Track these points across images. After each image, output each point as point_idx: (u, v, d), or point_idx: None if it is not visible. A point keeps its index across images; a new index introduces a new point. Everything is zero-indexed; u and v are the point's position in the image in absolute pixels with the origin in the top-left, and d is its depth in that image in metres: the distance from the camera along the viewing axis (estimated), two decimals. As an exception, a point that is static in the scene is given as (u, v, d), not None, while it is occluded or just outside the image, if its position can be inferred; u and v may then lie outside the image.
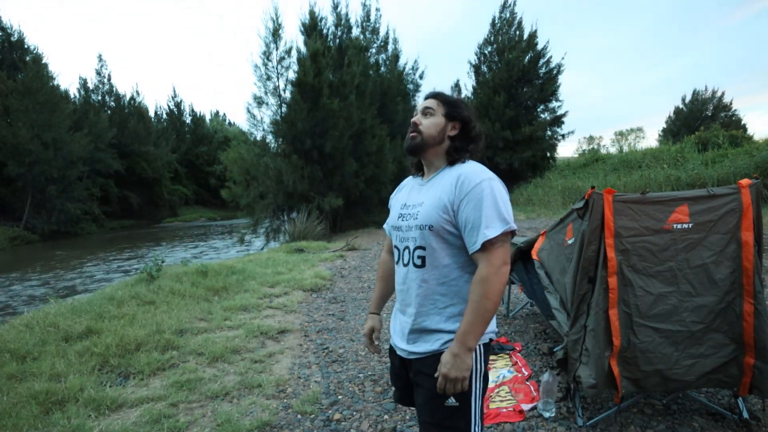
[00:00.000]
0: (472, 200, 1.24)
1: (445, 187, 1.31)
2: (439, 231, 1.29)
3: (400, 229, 1.41)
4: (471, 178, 1.27)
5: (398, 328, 1.45)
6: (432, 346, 1.31)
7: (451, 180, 1.31)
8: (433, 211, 1.29)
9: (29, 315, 4.12)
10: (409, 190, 1.49)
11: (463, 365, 1.20)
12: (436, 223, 1.28)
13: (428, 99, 1.44)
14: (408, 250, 1.37)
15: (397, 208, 1.47)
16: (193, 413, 2.56)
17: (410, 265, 1.36)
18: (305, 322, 4.37)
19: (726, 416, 2.26)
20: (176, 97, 46.96)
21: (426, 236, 1.30)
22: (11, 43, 25.43)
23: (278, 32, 13.78)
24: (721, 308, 2.10)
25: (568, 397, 2.43)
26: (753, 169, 10.89)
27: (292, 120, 13.39)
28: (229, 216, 29.72)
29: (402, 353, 1.40)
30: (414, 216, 1.35)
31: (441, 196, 1.30)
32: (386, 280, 1.65)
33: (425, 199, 1.35)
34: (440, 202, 1.29)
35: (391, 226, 1.49)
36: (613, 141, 62.76)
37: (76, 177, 23.98)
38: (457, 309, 1.31)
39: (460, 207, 1.26)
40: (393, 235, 1.47)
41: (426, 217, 1.30)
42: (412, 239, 1.35)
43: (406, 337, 1.37)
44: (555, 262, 2.93)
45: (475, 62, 24.20)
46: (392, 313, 1.53)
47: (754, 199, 2.07)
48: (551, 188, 16.69)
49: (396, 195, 1.57)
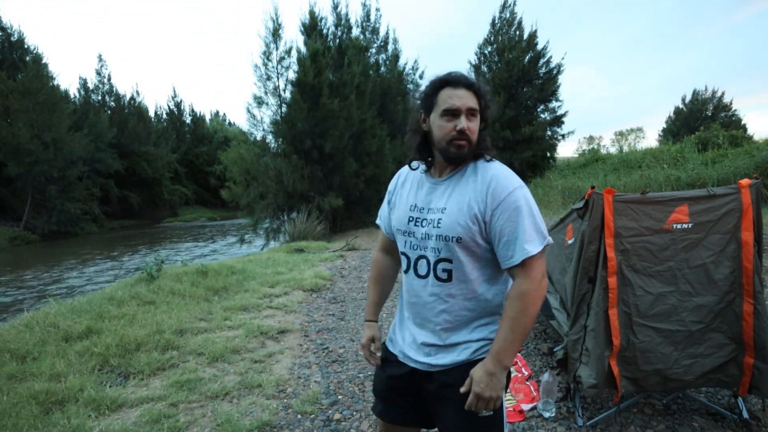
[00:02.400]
0: (507, 210, 1.14)
1: (473, 194, 1.18)
2: (468, 244, 1.17)
3: (411, 235, 1.26)
4: (504, 185, 1.16)
5: (409, 339, 1.31)
6: (459, 357, 1.23)
7: (479, 185, 1.18)
8: (462, 221, 1.17)
9: (29, 315, 4.11)
10: (416, 187, 1.31)
11: (498, 384, 1.13)
12: (466, 236, 1.17)
13: (467, 92, 1.18)
14: (426, 261, 1.23)
15: (405, 209, 1.30)
16: (193, 413, 2.56)
17: (430, 277, 1.23)
18: (305, 322, 4.37)
19: (726, 416, 2.26)
20: (176, 97, 46.97)
21: (452, 249, 1.18)
22: (11, 43, 25.40)
23: (278, 32, 13.78)
24: (721, 308, 2.10)
25: (568, 397, 2.43)
26: (753, 169, 10.89)
27: (292, 120, 13.40)
28: (229, 216, 29.70)
29: (419, 366, 1.28)
30: (433, 223, 1.21)
31: (470, 204, 1.17)
32: (382, 283, 1.49)
33: (447, 204, 1.20)
34: (470, 210, 1.17)
35: (396, 228, 1.32)
36: (613, 141, 62.85)
37: (76, 177, 23.96)
38: (483, 321, 1.24)
39: (493, 217, 1.15)
40: (401, 240, 1.30)
41: (452, 228, 1.17)
42: (432, 249, 1.21)
43: (423, 349, 1.27)
44: (555, 262, 2.93)
45: (475, 62, 24.18)
46: (397, 321, 1.41)
47: (754, 199, 2.07)
48: (551, 188, 16.67)
49: (398, 190, 1.37)
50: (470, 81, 1.20)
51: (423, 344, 1.27)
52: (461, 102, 1.17)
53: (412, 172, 1.36)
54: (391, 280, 1.52)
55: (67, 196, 22.82)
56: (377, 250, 1.53)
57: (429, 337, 1.26)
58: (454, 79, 1.19)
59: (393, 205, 1.38)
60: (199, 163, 40.01)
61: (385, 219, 1.43)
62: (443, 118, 1.19)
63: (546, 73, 22.54)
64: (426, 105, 1.23)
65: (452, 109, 1.17)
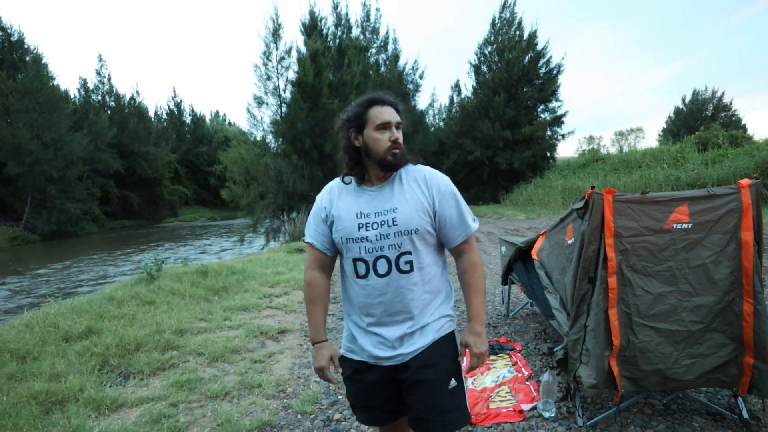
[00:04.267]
0: (450, 198, 1.38)
1: (419, 191, 1.37)
2: (423, 234, 1.36)
3: (365, 240, 1.34)
4: (441, 179, 1.40)
5: (376, 341, 1.39)
6: (428, 338, 1.39)
7: (422, 183, 1.38)
8: (415, 215, 1.34)
9: (29, 315, 4.12)
10: (354, 197, 1.40)
11: (485, 339, 1.39)
12: (421, 227, 1.35)
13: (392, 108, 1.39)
14: (385, 259, 1.34)
15: (351, 218, 1.37)
16: (193, 413, 2.56)
17: (393, 273, 1.35)
18: (305, 322, 4.37)
19: (726, 416, 2.26)
20: (176, 97, 47.14)
21: (412, 240, 1.35)
22: (11, 43, 25.45)
23: (278, 32, 13.80)
24: (721, 308, 2.10)
25: (568, 397, 2.43)
26: (753, 169, 10.89)
27: (292, 120, 13.41)
28: (229, 216, 29.71)
29: (394, 361, 1.37)
30: (388, 223, 1.34)
31: (419, 199, 1.36)
32: (322, 302, 1.51)
33: (398, 204, 1.35)
34: (420, 205, 1.35)
35: (345, 238, 1.37)
36: (613, 141, 62.76)
37: (76, 177, 23.99)
38: (438, 301, 1.42)
39: (440, 206, 1.37)
40: (353, 248, 1.36)
41: (408, 222, 1.34)
42: (392, 246, 1.34)
43: (395, 343, 1.37)
44: (555, 262, 2.93)
45: (475, 62, 24.21)
46: (353, 331, 1.47)
47: (754, 199, 2.07)
48: (551, 188, 16.69)
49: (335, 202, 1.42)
50: (392, 100, 1.41)
51: (395, 339, 1.38)
52: (391, 116, 1.37)
53: (344, 186, 1.45)
54: (327, 298, 1.53)
55: (67, 196, 22.84)
56: (310, 270, 1.49)
57: (398, 330, 1.37)
58: (380, 99, 1.39)
59: (334, 218, 1.41)
60: (199, 163, 40.05)
61: (321, 235, 1.44)
62: (377, 132, 1.36)
63: (546, 73, 22.55)
64: (358, 124, 1.38)
65: (385, 122, 1.36)
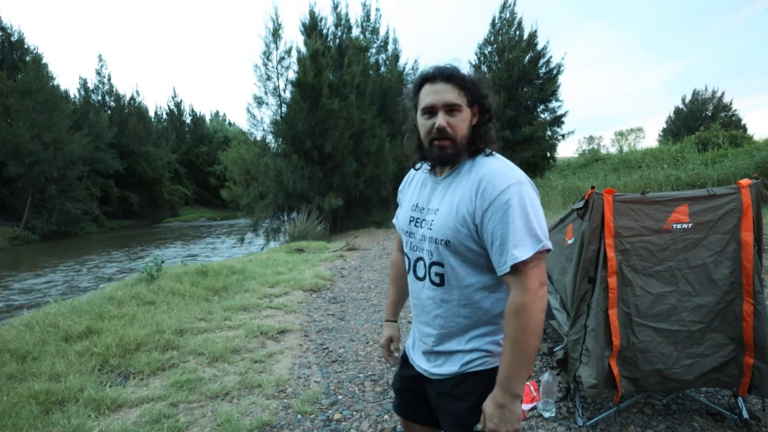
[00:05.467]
0: (498, 211, 1.02)
1: (463, 193, 1.08)
2: (458, 248, 1.09)
3: (412, 236, 1.21)
4: (495, 183, 1.04)
5: (417, 342, 1.30)
6: (452, 368, 1.17)
7: (471, 184, 1.08)
8: (450, 224, 1.08)
9: (29, 315, 4.12)
10: (420, 185, 1.26)
11: (512, 416, 1.02)
12: (454, 239, 1.08)
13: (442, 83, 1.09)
14: (422, 263, 1.18)
15: (408, 209, 1.25)
16: (193, 413, 2.56)
17: (426, 281, 1.18)
18: (305, 322, 4.37)
19: (726, 416, 2.26)
20: (176, 97, 46.98)
21: (443, 252, 1.11)
22: (11, 43, 25.41)
23: (278, 32, 13.78)
24: (721, 308, 2.10)
25: (568, 397, 2.43)
26: (753, 169, 10.89)
27: (292, 120, 13.39)
28: (229, 216, 29.68)
29: (421, 371, 1.26)
30: (428, 224, 1.15)
31: (459, 205, 1.08)
32: (400, 282, 1.44)
33: (441, 205, 1.13)
34: (458, 212, 1.08)
35: (400, 228, 1.28)
36: (613, 141, 62.92)
37: (76, 177, 23.96)
38: (479, 331, 1.15)
39: (484, 219, 1.05)
40: (404, 240, 1.26)
41: (441, 230, 1.10)
42: (426, 252, 1.16)
43: (425, 356, 1.25)
44: (555, 262, 2.93)
45: (475, 62, 24.18)
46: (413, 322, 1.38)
47: (754, 199, 2.07)
48: (551, 188, 16.67)
49: (405, 189, 1.33)
50: (448, 73, 1.09)
51: (426, 353, 1.24)
52: (437, 98, 1.08)
53: (418, 172, 1.29)
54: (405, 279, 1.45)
55: (67, 196, 22.81)
56: (396, 250, 1.49)
57: (426, 342, 1.23)
58: (432, 74, 1.11)
59: (399, 201, 1.34)
60: (199, 163, 40.00)
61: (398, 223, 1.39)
62: (423, 117, 1.12)
63: (546, 73, 22.56)
64: (414, 104, 1.17)
65: (428, 106, 1.10)
